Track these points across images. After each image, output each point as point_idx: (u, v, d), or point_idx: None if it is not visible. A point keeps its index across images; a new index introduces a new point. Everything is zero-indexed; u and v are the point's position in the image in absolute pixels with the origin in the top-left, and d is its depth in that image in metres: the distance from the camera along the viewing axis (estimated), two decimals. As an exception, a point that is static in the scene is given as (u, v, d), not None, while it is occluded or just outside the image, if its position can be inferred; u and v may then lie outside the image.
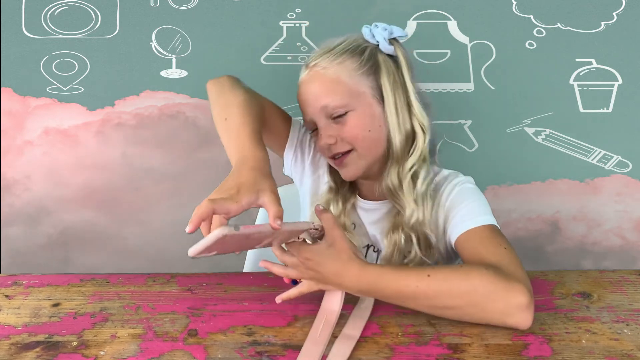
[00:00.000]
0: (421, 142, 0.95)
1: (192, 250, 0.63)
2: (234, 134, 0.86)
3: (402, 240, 0.94)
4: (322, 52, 0.95)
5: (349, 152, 0.93)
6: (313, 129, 0.97)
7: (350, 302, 0.79)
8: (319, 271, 0.75)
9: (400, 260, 0.94)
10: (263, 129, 0.91)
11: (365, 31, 0.96)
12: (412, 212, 0.93)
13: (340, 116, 0.92)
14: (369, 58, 0.94)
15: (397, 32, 0.96)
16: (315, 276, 0.76)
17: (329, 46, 0.96)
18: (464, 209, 0.92)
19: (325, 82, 0.93)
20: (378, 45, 0.95)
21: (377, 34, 0.95)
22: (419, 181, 0.94)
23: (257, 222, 1.16)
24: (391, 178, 0.94)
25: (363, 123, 0.92)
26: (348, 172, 0.95)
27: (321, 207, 0.78)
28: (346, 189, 1.02)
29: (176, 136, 1.43)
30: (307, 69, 0.96)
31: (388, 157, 0.95)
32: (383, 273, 0.76)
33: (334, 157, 0.94)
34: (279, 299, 0.78)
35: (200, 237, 0.64)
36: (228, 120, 0.89)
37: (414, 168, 0.95)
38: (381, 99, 0.94)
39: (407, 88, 0.95)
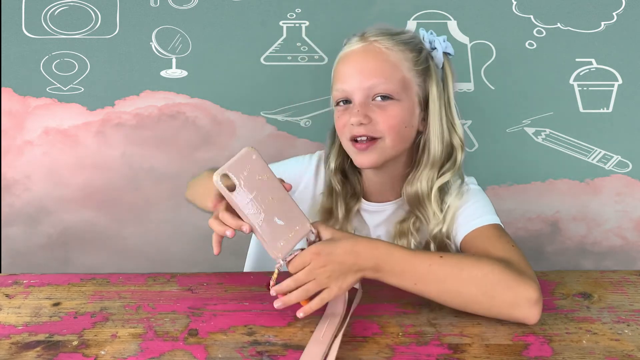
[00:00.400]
0: (460, 157, 0.96)
1: (218, 171, 0.69)
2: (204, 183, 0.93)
3: (412, 247, 0.94)
4: (383, 32, 0.93)
5: (376, 139, 0.91)
6: (340, 101, 0.94)
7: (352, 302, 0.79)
8: (334, 260, 0.73)
9: None
10: None
11: (423, 33, 0.96)
12: (438, 223, 0.94)
13: (383, 100, 0.90)
14: (425, 60, 0.95)
15: (450, 49, 0.97)
16: (333, 269, 0.73)
17: (390, 30, 0.94)
18: (468, 210, 0.93)
19: (386, 61, 0.91)
20: (432, 51, 0.96)
21: (437, 42, 0.96)
22: (452, 195, 0.95)
23: None
24: (421, 184, 0.94)
25: (403, 117, 0.92)
26: (368, 158, 0.92)
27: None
28: (350, 193, 1.01)
29: (176, 136, 1.43)
30: (363, 40, 0.93)
31: (420, 162, 0.95)
32: (394, 248, 0.76)
33: (356, 140, 0.92)
34: (300, 314, 0.73)
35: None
36: (199, 186, 0.97)
37: (449, 182, 0.96)
38: (424, 103, 0.95)
39: (451, 102, 0.97)
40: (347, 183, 1.02)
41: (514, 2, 1.39)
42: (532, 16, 1.39)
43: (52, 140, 1.42)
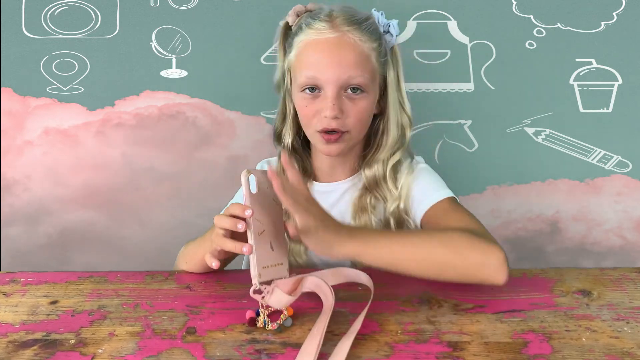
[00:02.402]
0: (408, 135, 0.99)
1: (248, 169, 0.73)
2: (192, 249, 0.94)
3: (373, 222, 0.96)
4: (351, 20, 0.91)
5: (344, 132, 0.92)
6: (306, 88, 0.91)
7: (351, 299, 0.79)
8: (321, 212, 0.74)
9: None
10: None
11: (377, 15, 0.95)
12: (395, 201, 0.97)
13: (355, 93, 0.90)
14: (385, 49, 0.95)
15: (397, 29, 0.97)
16: (317, 215, 0.73)
17: (356, 17, 0.92)
18: (421, 188, 0.97)
19: (360, 54, 0.90)
20: (385, 35, 0.95)
21: (392, 27, 0.95)
22: (404, 173, 0.99)
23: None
24: (378, 166, 0.97)
25: (369, 108, 0.93)
26: (336, 149, 0.93)
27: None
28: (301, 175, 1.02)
29: (176, 136, 1.43)
30: (334, 29, 0.90)
31: (379, 146, 0.98)
32: (365, 228, 0.84)
33: (327, 131, 0.91)
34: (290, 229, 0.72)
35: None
36: (187, 261, 0.95)
37: (401, 160, 0.99)
38: (382, 90, 0.96)
39: (401, 83, 0.98)
40: (299, 161, 1.03)
41: (514, 2, 1.39)
42: (532, 16, 1.39)
43: (52, 140, 1.42)
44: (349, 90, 0.90)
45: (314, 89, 0.91)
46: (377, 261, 0.76)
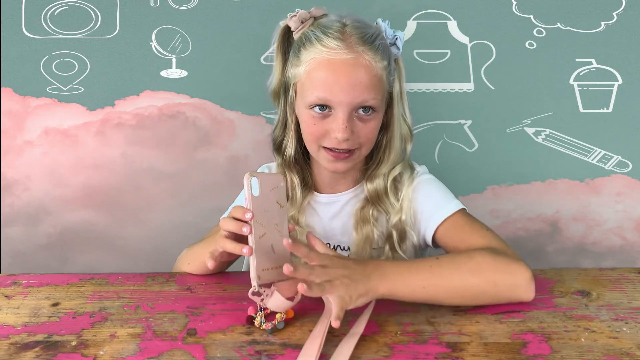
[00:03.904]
0: (409, 148, 0.98)
1: (251, 172, 0.73)
2: (197, 250, 0.94)
3: (375, 234, 0.96)
4: (364, 38, 0.88)
5: (354, 150, 0.91)
6: (316, 105, 0.89)
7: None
8: (346, 265, 0.72)
9: (369, 252, 0.96)
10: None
11: (385, 27, 0.93)
12: (397, 214, 0.96)
13: (367, 114, 0.88)
14: (394, 67, 0.94)
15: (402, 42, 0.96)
16: (344, 274, 0.71)
17: (370, 34, 0.89)
18: (430, 202, 0.95)
19: (374, 76, 0.87)
20: (391, 46, 0.93)
21: (399, 41, 0.94)
22: (404, 184, 0.98)
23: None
24: (378, 182, 0.96)
25: (377, 127, 0.92)
26: (343, 167, 0.92)
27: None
28: (301, 186, 1.00)
29: (176, 136, 1.43)
30: (349, 50, 0.86)
31: (382, 160, 0.97)
32: (393, 259, 0.79)
33: (336, 149, 0.90)
34: (336, 324, 0.68)
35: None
36: (190, 261, 0.94)
37: (401, 173, 0.98)
38: (387, 103, 0.94)
39: (403, 95, 0.97)
40: (300, 172, 1.00)
41: (514, 2, 1.39)
42: (532, 16, 1.39)
43: (52, 140, 1.42)
44: (360, 111, 0.88)
45: (324, 107, 0.88)
46: (410, 296, 0.75)
